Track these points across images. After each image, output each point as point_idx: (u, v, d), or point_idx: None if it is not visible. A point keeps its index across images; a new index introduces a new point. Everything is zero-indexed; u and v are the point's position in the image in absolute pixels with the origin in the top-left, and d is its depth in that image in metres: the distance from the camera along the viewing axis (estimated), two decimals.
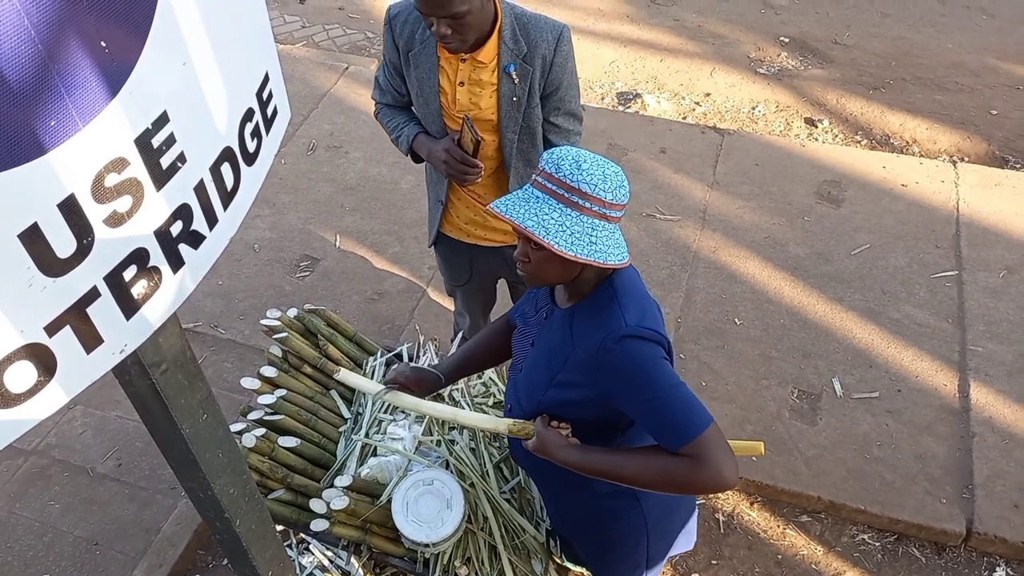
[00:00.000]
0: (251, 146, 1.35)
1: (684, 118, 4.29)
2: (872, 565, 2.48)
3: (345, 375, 1.83)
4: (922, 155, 4.02)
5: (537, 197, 1.34)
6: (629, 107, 4.37)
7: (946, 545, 2.51)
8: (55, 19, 0.83)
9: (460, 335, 2.62)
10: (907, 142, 4.14)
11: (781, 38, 4.85)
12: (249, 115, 1.34)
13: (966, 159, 3.98)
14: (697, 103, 4.41)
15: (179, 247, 1.15)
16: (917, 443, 2.68)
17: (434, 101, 1.97)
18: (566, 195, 1.31)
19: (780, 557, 2.51)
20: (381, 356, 2.28)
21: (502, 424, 1.59)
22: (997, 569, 2.47)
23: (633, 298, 1.44)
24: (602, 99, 4.47)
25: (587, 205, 1.31)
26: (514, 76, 1.91)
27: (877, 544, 2.53)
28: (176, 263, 1.15)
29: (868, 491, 2.57)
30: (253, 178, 1.40)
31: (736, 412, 2.78)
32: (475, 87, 1.94)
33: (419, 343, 2.41)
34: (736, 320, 3.11)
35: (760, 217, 3.52)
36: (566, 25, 1.92)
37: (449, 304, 3.03)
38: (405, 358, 2.28)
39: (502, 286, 2.62)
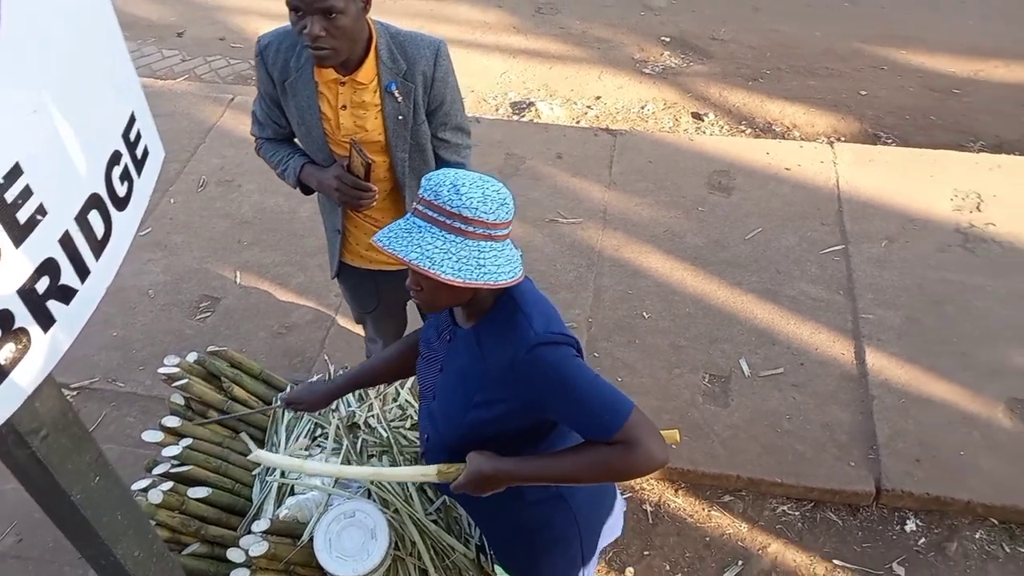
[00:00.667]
0: (121, 190, 1.29)
1: (577, 122, 4.38)
2: (794, 534, 2.58)
3: (259, 455, 1.79)
4: (802, 139, 4.24)
5: (419, 226, 1.33)
6: (523, 116, 4.43)
7: (859, 506, 2.64)
8: None
9: None
10: (787, 127, 4.35)
11: (662, 38, 5.02)
12: (116, 158, 1.29)
13: (842, 139, 4.22)
14: (589, 107, 4.51)
15: (47, 304, 1.09)
16: (823, 412, 2.81)
17: (317, 128, 1.93)
18: (448, 222, 1.31)
19: (708, 539, 2.58)
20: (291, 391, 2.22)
21: (431, 471, 1.57)
22: (908, 522, 2.61)
23: (535, 306, 1.46)
24: (496, 110, 4.51)
25: (470, 229, 1.31)
26: (397, 95, 1.90)
27: (796, 513, 2.64)
28: (46, 321, 1.09)
29: (783, 464, 2.67)
30: (126, 223, 1.34)
31: (653, 404, 2.85)
32: (358, 109, 1.92)
33: (330, 373, 2.36)
34: (644, 314, 3.19)
35: (657, 212, 3.62)
36: (443, 40, 1.93)
37: (359, 330, 2.99)
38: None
39: (412, 308, 2.60)
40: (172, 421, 2.05)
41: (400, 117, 1.94)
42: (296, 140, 2.09)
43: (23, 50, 1.00)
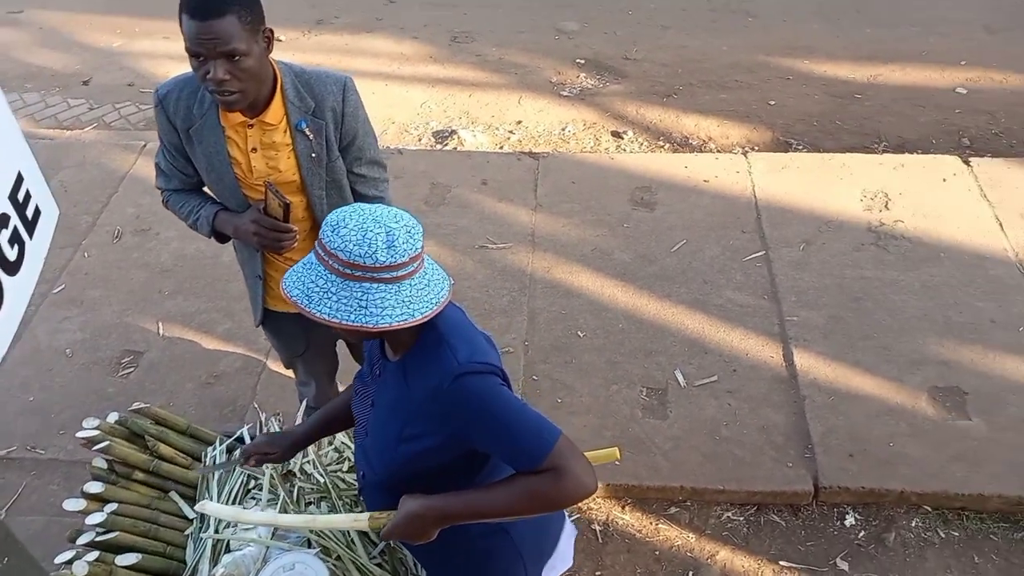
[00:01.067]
0: (11, 254, 1.24)
1: (500, 148, 4.41)
2: (740, 539, 2.62)
3: (205, 506, 1.73)
4: (718, 150, 4.37)
5: (311, 263, 1.32)
6: (446, 144, 4.44)
7: (800, 505, 2.70)
8: None
9: (305, 404, 2.52)
10: (704, 140, 4.48)
11: (577, 60, 5.12)
12: (3, 221, 1.23)
13: (756, 148, 4.36)
14: (511, 132, 4.56)
15: None
16: (758, 416, 2.87)
17: (228, 174, 1.89)
18: (328, 261, 1.29)
19: (658, 553, 2.59)
20: (220, 443, 2.15)
21: (363, 519, 1.54)
22: (847, 517, 2.67)
23: (460, 336, 1.44)
24: (419, 140, 4.51)
25: (346, 271, 1.28)
26: (308, 132, 1.88)
27: (741, 519, 2.67)
28: None
29: (724, 471, 2.71)
30: (21, 288, 1.28)
31: (593, 422, 2.86)
32: (269, 151, 1.89)
33: (261, 421, 2.29)
34: (579, 333, 3.21)
35: (584, 231, 3.67)
36: (349, 76, 1.92)
37: (291, 374, 2.92)
38: (247, 440, 2.16)
39: (343, 347, 2.56)
40: (95, 487, 1.95)
41: (313, 155, 1.91)
42: (205, 188, 2.04)
43: None
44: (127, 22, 5.53)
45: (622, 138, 4.49)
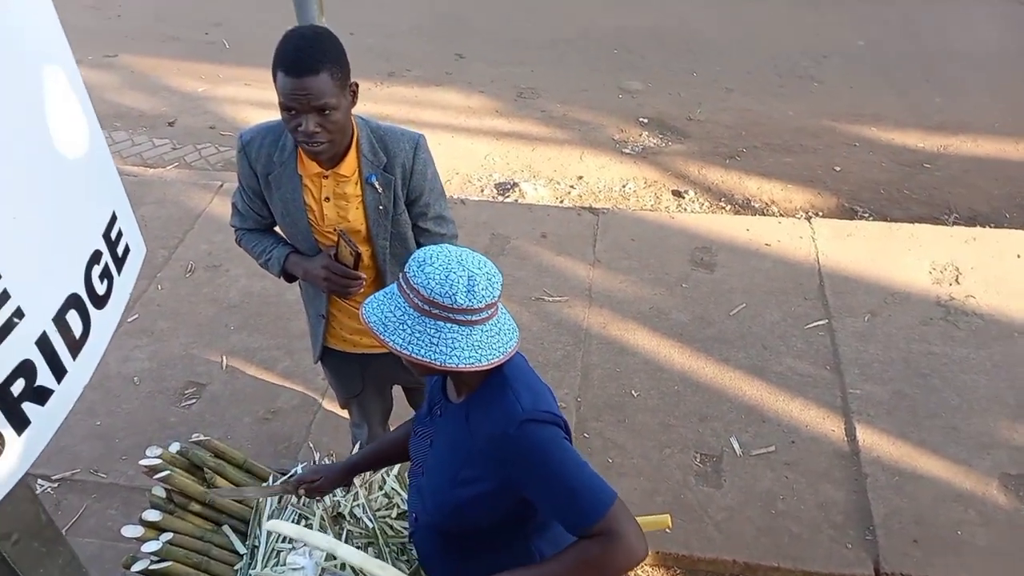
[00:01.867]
0: (101, 289, 1.30)
1: (561, 202, 4.46)
2: None
3: (275, 524, 1.78)
4: (781, 214, 4.33)
5: (392, 294, 1.36)
6: (508, 196, 4.51)
7: None
8: None
9: (358, 446, 2.54)
10: (766, 203, 4.45)
11: (640, 119, 5.18)
12: (96, 257, 1.30)
13: (820, 214, 4.31)
14: (571, 186, 4.61)
15: (22, 407, 1.08)
16: (817, 491, 2.77)
17: (302, 220, 1.97)
18: (409, 294, 1.32)
19: None
20: (274, 481, 2.18)
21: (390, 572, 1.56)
22: None
23: (524, 383, 1.45)
24: (481, 191, 4.59)
25: (425, 307, 1.31)
26: (377, 186, 1.94)
27: None
28: (20, 424, 1.08)
29: (779, 547, 2.61)
30: (106, 321, 1.34)
31: (645, 485, 2.80)
32: (341, 200, 1.96)
33: (315, 460, 2.32)
34: (633, 392, 3.17)
35: (642, 289, 3.66)
36: (421, 135, 1.98)
37: (346, 415, 2.96)
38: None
39: (399, 391, 2.59)
40: (152, 515, 1.99)
41: (380, 207, 1.97)
42: (276, 229, 2.12)
43: (5, 160, 1.02)
44: (211, 69, 5.84)
45: (683, 197, 4.49)
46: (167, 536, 1.97)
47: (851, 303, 3.53)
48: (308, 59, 1.67)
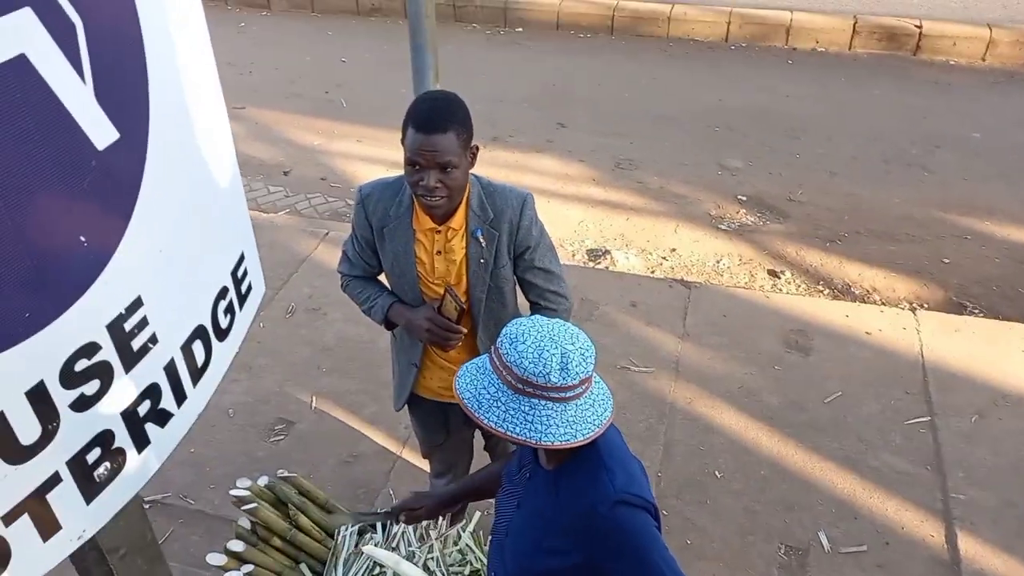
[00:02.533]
0: (224, 322, 1.39)
1: (652, 272, 4.45)
2: None
3: (371, 551, 1.86)
4: (882, 303, 4.17)
5: (485, 369, 1.36)
6: (599, 263, 4.54)
7: None
8: (36, 220, 0.89)
9: None
10: (867, 291, 4.30)
11: (739, 196, 5.15)
12: (223, 293, 1.39)
13: (925, 306, 4.13)
14: (664, 258, 4.60)
15: (145, 427, 1.15)
16: None
17: (411, 272, 2.05)
18: (503, 372, 1.32)
19: None
20: (353, 524, 2.22)
21: None
22: None
23: (619, 461, 1.43)
24: (573, 256, 4.64)
25: (518, 385, 1.30)
26: (481, 240, 2.01)
27: None
28: (141, 443, 1.15)
29: None
30: (224, 353, 1.43)
31: (723, 572, 2.69)
32: (450, 254, 2.04)
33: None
34: (717, 472, 3.08)
35: (732, 367, 3.58)
36: (529, 193, 2.05)
37: (424, 465, 2.99)
38: (378, 526, 2.22)
39: (479, 438, 2.61)
40: (237, 545, 2.06)
41: (482, 260, 2.04)
42: (381, 278, 2.21)
43: (161, 197, 1.13)
44: (328, 124, 6.20)
45: (779, 277, 4.40)
46: (248, 568, 2.02)
47: (957, 401, 3.34)
48: (438, 118, 1.78)
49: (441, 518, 2.17)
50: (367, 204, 2.04)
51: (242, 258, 1.49)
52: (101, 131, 0.92)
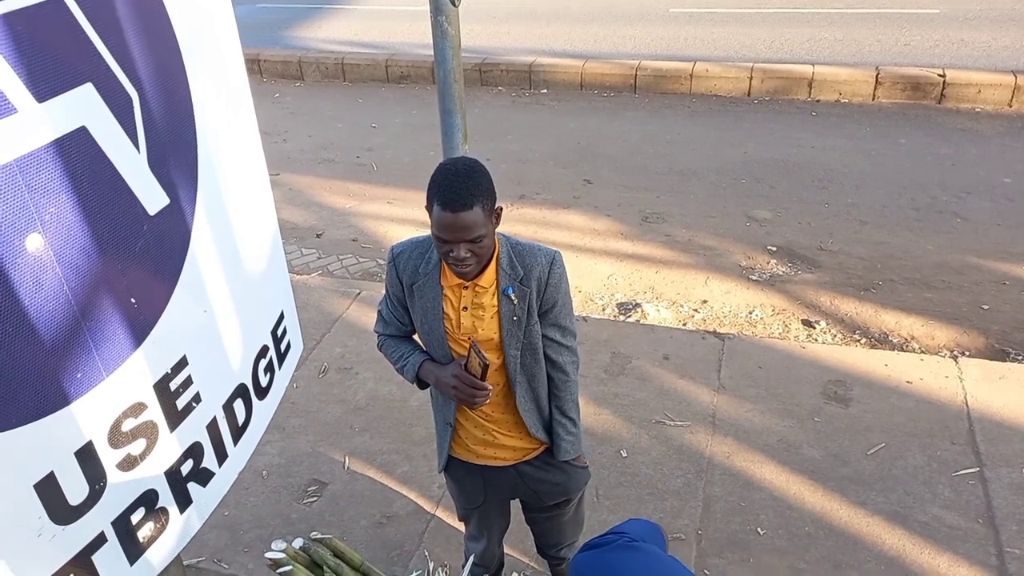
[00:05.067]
0: (264, 381, 1.41)
1: (684, 325, 4.42)
2: None
3: None
4: (922, 351, 4.08)
5: None
6: (630, 316, 4.52)
7: None
8: (91, 283, 0.93)
9: (471, 560, 2.51)
10: (905, 339, 4.22)
11: (769, 247, 5.13)
12: (263, 352, 1.42)
13: (966, 353, 4.04)
14: (695, 310, 4.57)
15: (188, 486, 1.16)
16: None
17: (439, 327, 2.07)
18: None
19: None
20: None
21: None
22: None
23: None
24: (603, 310, 4.64)
25: None
26: (513, 297, 2.03)
27: None
28: (184, 502, 1.16)
29: None
30: (264, 411, 1.45)
31: None
32: (478, 310, 2.05)
33: (428, 570, 2.31)
34: (759, 530, 2.99)
35: (770, 419, 3.51)
36: (558, 251, 2.08)
37: (459, 526, 2.95)
38: None
39: (516, 505, 2.57)
40: None
41: (515, 318, 2.05)
42: (415, 337, 2.23)
43: (207, 259, 1.16)
44: (359, 187, 6.35)
45: (813, 328, 4.34)
46: None
47: (1006, 452, 3.22)
48: (464, 195, 1.81)
49: None
50: (398, 263, 2.08)
51: (282, 317, 1.52)
52: (153, 197, 0.96)
